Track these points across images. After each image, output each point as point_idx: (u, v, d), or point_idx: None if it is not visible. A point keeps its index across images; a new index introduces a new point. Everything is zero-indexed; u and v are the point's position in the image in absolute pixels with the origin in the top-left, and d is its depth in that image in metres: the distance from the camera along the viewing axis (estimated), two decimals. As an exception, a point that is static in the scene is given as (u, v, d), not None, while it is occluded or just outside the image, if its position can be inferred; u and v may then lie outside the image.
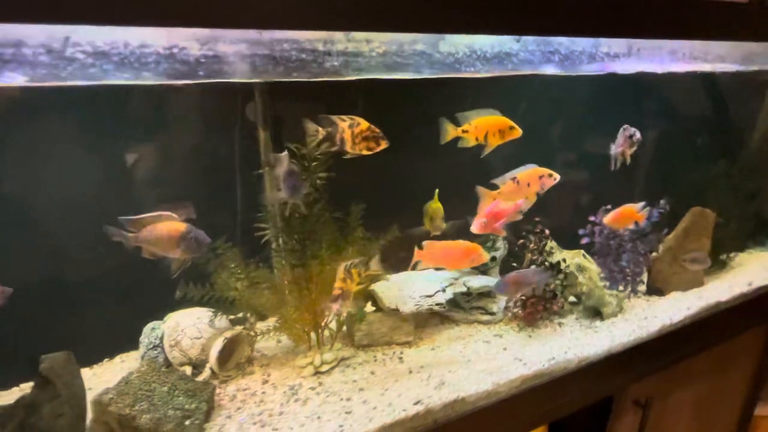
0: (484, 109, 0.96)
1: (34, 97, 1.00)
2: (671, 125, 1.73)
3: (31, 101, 1.02)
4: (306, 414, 1.05)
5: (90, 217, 1.10)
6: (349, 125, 0.88)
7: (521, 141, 1.07)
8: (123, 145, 1.15)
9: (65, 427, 0.93)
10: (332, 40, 0.74)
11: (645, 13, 1.06)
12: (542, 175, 1.13)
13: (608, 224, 1.36)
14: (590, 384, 1.33)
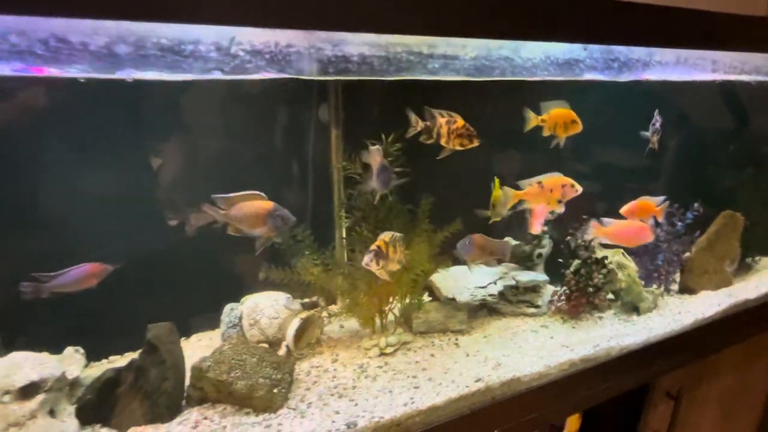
0: (558, 101, 1.07)
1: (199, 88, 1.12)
2: (707, 134, 1.84)
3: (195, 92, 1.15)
4: (377, 388, 1.14)
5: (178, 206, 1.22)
6: (446, 121, 0.99)
7: (576, 140, 1.18)
8: (233, 134, 1.26)
9: (169, 390, 1.02)
10: (435, 44, 0.85)
11: (681, 25, 1.18)
12: (565, 184, 1.22)
13: (624, 215, 1.42)
14: (630, 371, 1.40)
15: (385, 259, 1.06)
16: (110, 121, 1.12)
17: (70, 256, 1.05)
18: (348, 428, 1.02)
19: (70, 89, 0.97)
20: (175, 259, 1.25)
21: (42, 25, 0.63)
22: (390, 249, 1.07)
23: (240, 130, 1.30)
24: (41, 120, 1.03)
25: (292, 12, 0.71)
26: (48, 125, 1.05)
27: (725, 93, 1.77)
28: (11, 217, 1.08)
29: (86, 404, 1.00)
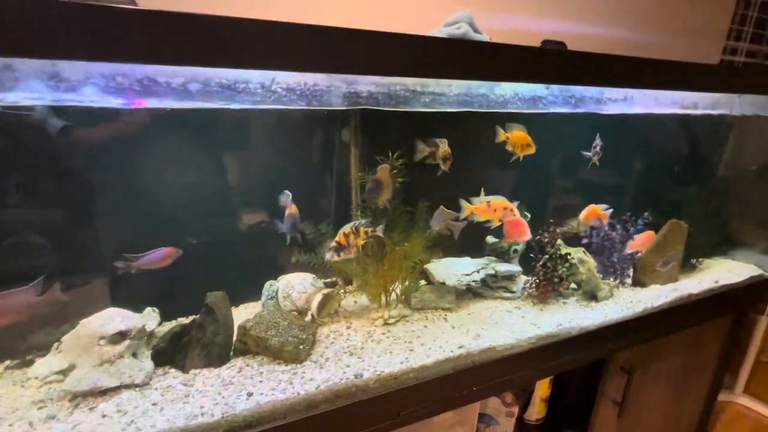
0: (518, 125, 1.14)
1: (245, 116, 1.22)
2: (656, 157, 1.86)
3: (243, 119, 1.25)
4: (381, 349, 1.19)
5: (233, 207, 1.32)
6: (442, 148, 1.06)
7: (541, 160, 1.24)
8: (276, 150, 1.35)
9: (221, 342, 1.09)
10: (427, 83, 0.93)
11: (639, 70, 1.22)
12: (506, 207, 1.28)
13: (582, 220, 1.46)
14: (587, 347, 1.42)
15: (346, 249, 1.12)
16: (186, 139, 1.22)
17: (159, 240, 1.15)
18: (356, 378, 1.08)
19: (159, 116, 1.09)
20: (231, 246, 1.33)
21: (138, 69, 0.73)
22: (351, 237, 1.13)
23: (281, 148, 1.39)
24: (138, 138, 1.13)
25: (316, 61, 0.80)
26: (142, 142, 1.15)
27: (671, 123, 1.80)
28: (113, 210, 1.19)
29: (159, 350, 1.08)
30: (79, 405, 0.94)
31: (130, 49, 0.66)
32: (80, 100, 0.73)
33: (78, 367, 0.97)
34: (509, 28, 1.70)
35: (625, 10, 1.96)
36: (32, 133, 1.02)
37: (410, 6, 1.50)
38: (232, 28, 0.70)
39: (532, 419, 1.77)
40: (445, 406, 1.23)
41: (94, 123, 1.08)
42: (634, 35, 2.02)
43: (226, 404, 0.97)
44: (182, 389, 1.01)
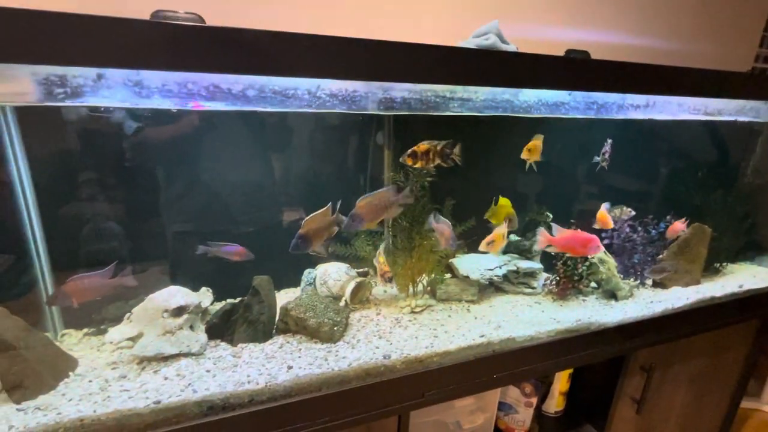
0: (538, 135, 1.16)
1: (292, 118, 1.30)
2: (680, 161, 1.81)
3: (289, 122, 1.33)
4: (407, 335, 1.23)
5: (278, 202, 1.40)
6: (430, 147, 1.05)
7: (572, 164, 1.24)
8: (318, 149, 1.41)
9: (265, 321, 1.15)
10: (455, 90, 0.97)
11: (660, 78, 1.20)
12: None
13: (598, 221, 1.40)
14: (606, 344, 1.40)
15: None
16: (239, 140, 1.31)
17: (215, 229, 1.23)
18: (384, 358, 1.13)
19: (220, 117, 1.18)
20: (275, 236, 1.40)
21: (205, 77, 0.81)
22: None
23: (323, 147, 1.45)
24: (203, 137, 1.23)
25: (355, 70, 0.86)
26: (206, 141, 1.25)
27: (696, 128, 1.74)
28: (176, 201, 1.28)
29: (212, 325, 1.16)
30: (145, 368, 1.04)
31: (198, 61, 0.73)
32: (156, 104, 0.82)
33: (145, 336, 1.06)
34: (536, 38, 1.71)
35: (655, 19, 1.92)
36: (112, 133, 1.13)
37: (439, 18, 1.53)
38: (284, 42, 0.77)
39: (551, 411, 1.76)
40: (466, 390, 1.25)
41: (162, 124, 1.18)
42: (666, 44, 1.97)
43: (269, 375, 1.04)
44: (231, 360, 1.09)
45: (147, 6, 0.84)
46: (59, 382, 0.97)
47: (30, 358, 0.92)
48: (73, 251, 1.18)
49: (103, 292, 1.06)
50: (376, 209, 1.05)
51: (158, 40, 0.71)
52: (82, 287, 1.02)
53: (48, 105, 0.79)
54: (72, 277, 1.01)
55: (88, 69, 0.73)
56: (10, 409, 0.89)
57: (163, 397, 0.94)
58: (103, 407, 0.90)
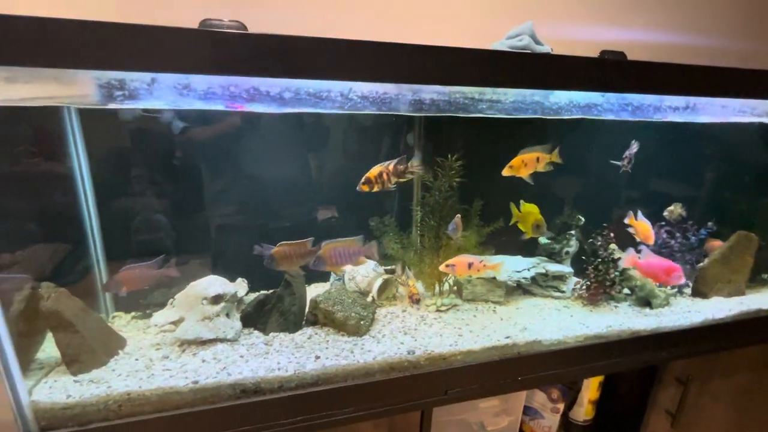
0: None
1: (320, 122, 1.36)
2: (726, 165, 1.73)
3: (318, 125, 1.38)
4: (432, 332, 1.25)
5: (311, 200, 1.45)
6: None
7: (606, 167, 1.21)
8: (350, 148, 1.45)
9: (296, 312, 1.21)
10: (484, 91, 0.98)
11: (699, 78, 1.15)
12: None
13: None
14: (638, 352, 1.36)
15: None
16: (280, 138, 1.37)
17: (253, 223, 1.30)
18: (408, 354, 1.15)
19: (260, 119, 1.24)
20: (309, 233, 1.46)
21: (246, 81, 0.87)
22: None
23: (354, 146, 1.49)
24: (243, 136, 1.30)
25: (386, 73, 0.89)
26: (245, 140, 1.32)
27: (743, 131, 1.65)
28: (218, 195, 1.37)
29: (246, 314, 1.22)
30: (185, 350, 1.12)
31: (241, 65, 0.79)
32: (201, 105, 0.89)
33: (186, 320, 1.14)
34: (572, 38, 1.68)
35: (700, 15, 1.84)
36: (161, 132, 1.22)
37: (472, 19, 1.54)
38: (319, 47, 0.81)
39: (579, 420, 1.72)
40: (489, 390, 1.25)
41: (206, 124, 1.26)
42: (715, 42, 1.88)
43: (298, 363, 1.09)
44: (263, 347, 1.15)
45: (196, 15, 0.91)
46: (110, 358, 1.06)
47: (86, 336, 1.01)
48: (125, 241, 1.28)
49: (150, 281, 1.15)
50: (339, 255, 1.10)
51: (206, 47, 0.77)
52: (132, 277, 1.12)
53: (109, 107, 0.87)
54: (124, 267, 1.11)
55: (143, 74, 0.80)
56: (68, 380, 0.98)
57: (200, 378, 1.01)
58: (148, 384, 0.98)
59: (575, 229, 1.49)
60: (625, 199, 1.73)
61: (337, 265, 1.12)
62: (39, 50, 0.69)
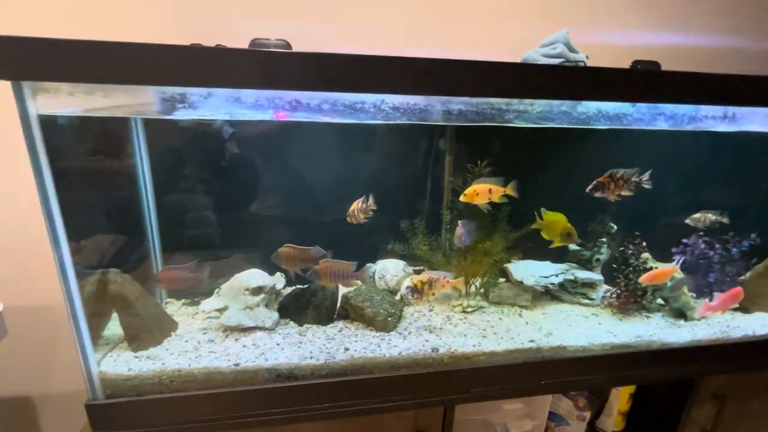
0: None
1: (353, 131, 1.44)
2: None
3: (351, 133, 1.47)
4: (457, 332, 1.29)
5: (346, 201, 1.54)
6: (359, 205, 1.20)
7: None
8: (384, 155, 1.53)
9: (328, 306, 1.30)
10: (511, 102, 1.02)
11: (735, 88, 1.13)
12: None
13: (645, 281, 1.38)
14: (670, 365, 1.34)
15: (420, 295, 1.24)
16: (317, 144, 1.47)
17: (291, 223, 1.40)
18: (432, 351, 1.21)
19: (299, 127, 1.34)
20: (342, 236, 1.53)
21: (289, 94, 0.96)
22: (426, 288, 1.24)
23: (388, 153, 1.56)
24: (284, 142, 1.41)
25: (418, 85, 0.95)
26: (286, 146, 1.43)
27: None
28: (260, 195, 1.49)
29: (283, 306, 1.31)
30: (228, 336, 1.23)
31: (286, 80, 0.88)
32: (250, 115, 0.99)
33: (229, 308, 1.26)
34: (609, 43, 1.67)
35: (752, 17, 1.77)
36: (214, 137, 1.35)
37: (508, 25, 1.57)
38: (356, 63, 0.89)
39: (608, 430, 1.70)
40: (511, 392, 1.28)
41: (253, 131, 1.38)
42: (752, 44, 1.81)
43: (329, 353, 1.17)
44: (297, 337, 1.24)
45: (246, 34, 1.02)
46: (164, 338, 1.20)
47: (145, 317, 1.14)
48: (178, 234, 1.42)
49: (185, 283, 1.25)
50: (332, 275, 1.20)
51: (257, 64, 0.86)
52: (169, 277, 1.24)
53: (170, 118, 0.99)
54: (164, 267, 1.24)
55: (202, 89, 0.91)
56: (129, 356, 1.12)
57: (241, 361, 1.12)
58: (196, 363, 1.10)
59: (606, 236, 1.48)
60: (663, 207, 1.69)
61: (330, 282, 1.23)
62: (131, 71, 0.81)
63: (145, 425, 1.05)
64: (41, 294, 1.57)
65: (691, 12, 1.72)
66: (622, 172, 1.16)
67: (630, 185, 1.18)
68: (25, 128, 0.85)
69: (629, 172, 1.16)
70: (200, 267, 1.24)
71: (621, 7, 1.64)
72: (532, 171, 1.23)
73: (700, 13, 1.72)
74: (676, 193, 1.63)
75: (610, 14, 1.64)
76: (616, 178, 1.17)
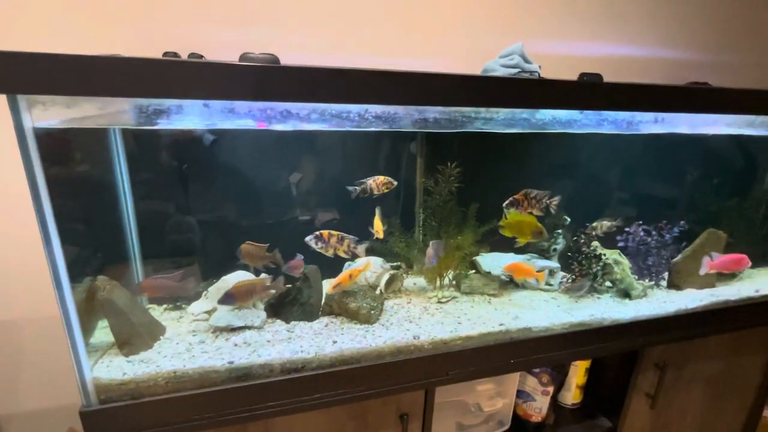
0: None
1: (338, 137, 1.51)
2: (694, 170, 1.91)
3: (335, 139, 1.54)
4: (434, 321, 1.40)
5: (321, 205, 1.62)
6: (373, 180, 1.29)
7: (578, 172, 1.39)
8: (363, 159, 1.61)
9: (313, 303, 1.36)
10: (478, 110, 1.15)
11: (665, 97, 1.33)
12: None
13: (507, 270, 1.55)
14: (618, 339, 1.52)
15: (326, 245, 1.30)
16: (299, 153, 1.53)
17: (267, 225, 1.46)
18: (414, 339, 1.31)
19: (274, 135, 1.41)
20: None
21: (278, 105, 1.03)
22: (334, 240, 1.30)
23: (365, 158, 1.65)
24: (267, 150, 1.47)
25: (396, 96, 1.05)
26: (266, 154, 1.48)
27: (710, 140, 1.84)
28: (236, 199, 1.53)
29: (271, 305, 1.36)
30: (218, 336, 1.27)
31: (275, 92, 0.95)
32: (238, 124, 1.05)
33: (218, 310, 1.30)
34: (559, 53, 1.86)
35: (679, 31, 2.03)
36: (196, 145, 1.38)
37: (467, 36, 1.71)
38: (339, 76, 0.97)
39: (568, 403, 1.89)
40: (485, 372, 1.41)
41: (233, 139, 1.42)
42: (693, 56, 2.08)
43: (318, 347, 1.25)
44: (286, 334, 1.31)
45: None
46: (155, 342, 1.22)
47: (135, 322, 1.17)
48: (159, 241, 1.44)
49: (169, 292, 1.28)
50: (247, 292, 1.27)
51: (248, 76, 0.93)
52: (153, 286, 1.26)
53: (153, 129, 1.03)
54: (148, 277, 1.26)
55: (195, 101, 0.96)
56: (121, 360, 1.14)
57: (234, 359, 1.17)
58: (190, 363, 1.14)
59: (562, 228, 1.65)
60: (608, 202, 1.91)
61: (246, 301, 1.29)
62: (118, 84, 0.85)
63: (142, 427, 1.08)
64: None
65: (627, 25, 1.94)
66: (535, 193, 1.30)
67: (541, 205, 1.32)
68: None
69: (541, 193, 1.30)
70: (186, 277, 1.27)
71: (568, 21, 1.84)
72: (496, 171, 1.37)
73: (634, 26, 1.95)
74: (621, 188, 1.84)
75: (560, 28, 1.83)
76: (529, 197, 1.31)
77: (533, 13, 1.77)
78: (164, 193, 1.44)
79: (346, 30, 1.58)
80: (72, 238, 1.08)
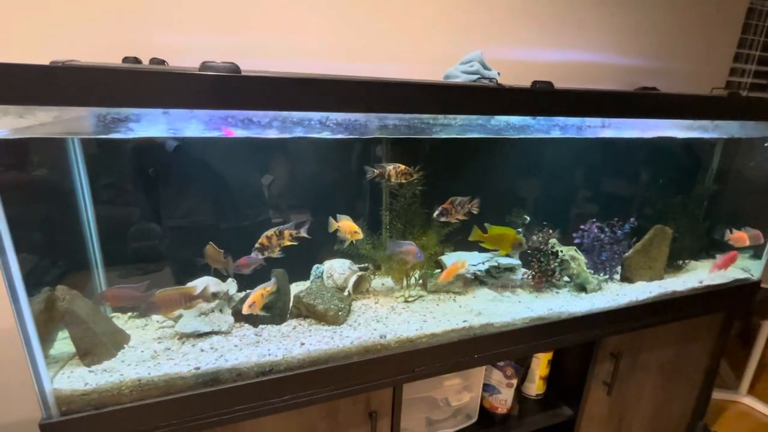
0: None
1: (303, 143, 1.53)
2: (641, 172, 2.05)
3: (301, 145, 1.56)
4: (401, 320, 1.45)
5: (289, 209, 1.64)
6: (393, 167, 1.32)
7: (535, 176, 1.48)
8: (330, 165, 1.63)
9: (281, 306, 1.38)
10: (437, 117, 1.20)
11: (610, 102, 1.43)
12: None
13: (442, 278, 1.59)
14: (575, 331, 1.61)
15: (270, 249, 1.26)
16: (265, 159, 1.54)
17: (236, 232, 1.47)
18: (381, 338, 1.35)
19: (241, 143, 1.42)
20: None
21: (259, 114, 1.05)
22: (274, 239, 1.26)
23: (331, 163, 1.69)
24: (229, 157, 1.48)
25: (355, 103, 1.09)
26: (230, 161, 1.50)
27: (657, 143, 1.97)
28: (202, 204, 1.53)
29: (237, 309, 1.37)
30: (185, 342, 1.28)
31: (238, 100, 0.98)
32: (202, 132, 1.06)
33: (184, 316, 1.30)
34: (518, 59, 1.95)
35: (630, 39, 2.16)
36: (159, 151, 1.38)
37: (432, 42, 1.78)
38: (301, 84, 1.01)
39: (532, 394, 1.98)
40: (450, 367, 1.47)
41: (196, 145, 1.42)
42: (643, 62, 2.21)
43: (286, 349, 1.27)
44: (254, 337, 1.32)
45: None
46: (118, 351, 1.21)
47: (97, 332, 1.16)
48: (122, 248, 1.42)
49: (132, 302, 1.24)
50: (170, 302, 1.22)
51: (207, 85, 0.95)
52: (117, 296, 1.24)
53: (115, 138, 1.03)
54: (111, 287, 1.25)
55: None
56: (83, 371, 1.13)
57: (201, 365, 1.18)
58: (155, 371, 1.14)
59: (522, 227, 1.73)
60: (564, 201, 2.01)
61: (169, 310, 1.25)
62: (72, 94, 0.85)
63: (106, 437, 1.08)
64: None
65: (582, 33, 2.06)
66: (459, 200, 1.40)
67: (464, 210, 1.41)
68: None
69: (464, 199, 1.40)
70: (150, 288, 1.25)
71: (526, 28, 1.93)
72: (458, 174, 1.43)
73: (584, 34, 2.07)
74: (576, 188, 1.95)
75: (518, 35, 1.92)
76: (455, 204, 1.40)
77: (495, 19, 1.85)
78: (127, 199, 1.42)
79: (308, 36, 1.61)
80: (28, 248, 1.06)
